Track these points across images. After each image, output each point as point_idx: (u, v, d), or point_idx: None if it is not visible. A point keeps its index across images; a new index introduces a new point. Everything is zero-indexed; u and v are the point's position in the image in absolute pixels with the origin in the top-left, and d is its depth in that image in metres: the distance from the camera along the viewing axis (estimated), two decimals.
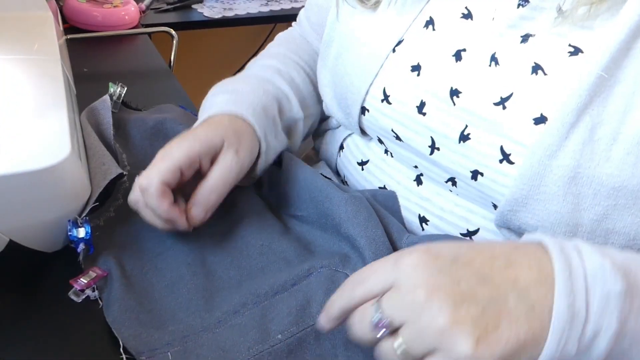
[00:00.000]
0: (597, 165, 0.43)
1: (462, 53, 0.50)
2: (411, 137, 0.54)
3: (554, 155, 0.43)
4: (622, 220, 0.44)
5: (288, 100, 0.62)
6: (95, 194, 0.51)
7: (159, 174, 0.48)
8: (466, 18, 0.51)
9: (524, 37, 0.47)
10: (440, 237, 0.51)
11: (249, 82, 0.61)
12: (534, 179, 0.45)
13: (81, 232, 0.48)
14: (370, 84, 0.55)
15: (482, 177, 0.49)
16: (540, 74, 0.46)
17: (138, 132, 0.61)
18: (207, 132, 0.52)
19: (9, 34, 0.63)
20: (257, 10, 1.31)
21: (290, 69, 0.66)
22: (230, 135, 0.53)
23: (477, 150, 0.49)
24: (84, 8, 0.98)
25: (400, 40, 0.54)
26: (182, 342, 0.43)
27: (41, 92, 0.53)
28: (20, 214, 0.45)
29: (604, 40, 0.42)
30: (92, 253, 0.49)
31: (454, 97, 0.50)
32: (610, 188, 0.43)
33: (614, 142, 0.42)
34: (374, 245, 0.50)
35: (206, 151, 0.51)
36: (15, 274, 0.48)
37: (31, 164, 0.44)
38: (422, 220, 0.57)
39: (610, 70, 0.42)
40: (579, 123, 0.43)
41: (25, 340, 0.43)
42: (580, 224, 0.45)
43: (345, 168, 0.66)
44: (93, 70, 0.86)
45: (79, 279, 0.47)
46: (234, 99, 0.57)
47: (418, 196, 0.57)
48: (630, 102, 0.42)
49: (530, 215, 0.46)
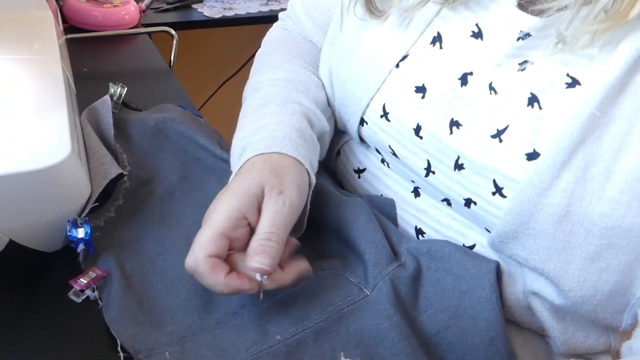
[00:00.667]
0: (589, 203, 0.42)
1: (468, 77, 0.49)
2: (408, 157, 0.53)
3: (545, 193, 0.43)
4: (616, 259, 0.43)
5: (315, 115, 0.57)
6: (95, 194, 0.51)
7: (203, 249, 0.44)
8: (476, 37, 0.49)
9: (522, 64, 0.46)
10: (439, 243, 0.51)
11: (270, 109, 0.54)
12: (523, 215, 0.44)
13: (80, 233, 0.48)
14: (371, 98, 0.54)
15: (475, 205, 0.49)
16: (536, 107, 0.45)
17: (138, 132, 0.61)
18: (242, 184, 0.47)
19: (9, 34, 0.63)
20: (257, 10, 1.31)
21: (303, 78, 0.60)
22: (269, 177, 0.47)
23: (471, 180, 0.48)
24: (84, 8, 0.98)
25: (405, 56, 0.52)
26: (180, 342, 0.43)
27: (41, 92, 0.53)
28: (20, 214, 0.45)
29: (601, 74, 0.42)
30: (92, 253, 0.49)
31: (453, 127, 0.49)
32: (603, 227, 0.42)
33: (608, 181, 0.41)
34: (374, 249, 0.50)
35: (248, 204, 0.46)
36: (15, 274, 0.48)
37: (31, 164, 0.44)
38: (418, 232, 0.56)
39: (604, 107, 0.41)
40: (571, 161, 0.42)
41: (25, 340, 0.43)
42: (572, 261, 0.44)
43: (342, 174, 0.65)
44: (93, 70, 0.86)
45: (78, 279, 0.47)
46: (265, 136, 0.51)
47: (415, 208, 0.56)
48: (625, 140, 0.41)
49: (521, 248, 0.46)
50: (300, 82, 0.59)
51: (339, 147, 0.64)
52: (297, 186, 0.48)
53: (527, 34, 0.46)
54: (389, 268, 0.49)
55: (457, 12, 0.50)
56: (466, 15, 0.50)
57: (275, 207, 0.46)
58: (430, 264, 0.50)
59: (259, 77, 0.61)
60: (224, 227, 0.44)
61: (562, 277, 0.45)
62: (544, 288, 0.47)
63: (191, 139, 0.60)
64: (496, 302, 0.47)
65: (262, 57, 0.66)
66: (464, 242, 0.53)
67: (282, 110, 0.53)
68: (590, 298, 0.45)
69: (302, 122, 0.53)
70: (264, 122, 0.52)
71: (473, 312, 0.47)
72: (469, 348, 0.47)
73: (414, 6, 0.50)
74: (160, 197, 0.56)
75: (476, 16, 0.50)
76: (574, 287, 0.45)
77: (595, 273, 0.44)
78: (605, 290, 0.44)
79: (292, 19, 0.71)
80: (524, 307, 0.50)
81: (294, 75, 0.60)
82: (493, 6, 0.49)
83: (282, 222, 0.45)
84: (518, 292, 0.50)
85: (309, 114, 0.55)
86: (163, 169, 0.58)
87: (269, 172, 0.47)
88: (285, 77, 0.59)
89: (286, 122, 0.52)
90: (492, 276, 0.47)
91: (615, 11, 0.40)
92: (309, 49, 0.67)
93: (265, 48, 0.69)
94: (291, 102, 0.55)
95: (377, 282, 0.49)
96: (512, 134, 0.45)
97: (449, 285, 0.48)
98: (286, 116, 0.53)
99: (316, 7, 0.66)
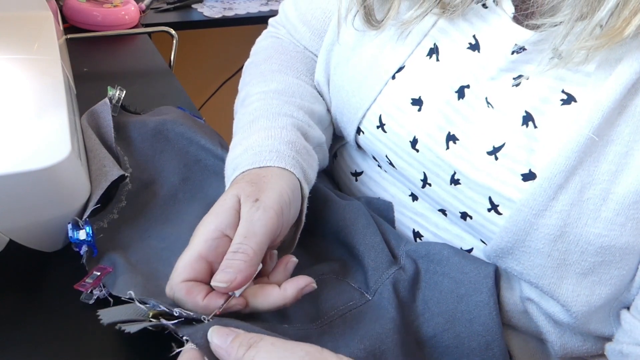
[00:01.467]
0: (585, 224, 0.42)
1: (465, 90, 0.48)
2: (404, 167, 0.53)
3: (541, 214, 0.43)
4: (608, 274, 0.43)
5: (309, 126, 0.55)
6: (96, 195, 0.51)
7: (178, 275, 0.42)
8: (473, 50, 0.49)
9: (517, 78, 0.46)
10: (438, 246, 0.51)
11: (260, 124, 0.52)
12: (519, 234, 0.44)
13: (82, 234, 0.48)
14: (368, 108, 0.53)
15: (470, 219, 0.49)
16: (531, 126, 0.44)
17: (139, 134, 0.60)
18: (219, 202, 0.45)
19: (9, 34, 0.63)
20: (257, 10, 1.31)
21: (296, 89, 0.58)
22: (244, 187, 0.45)
23: (467, 195, 0.48)
24: (84, 8, 0.98)
25: (401, 67, 0.52)
26: None
27: (41, 92, 0.53)
28: (20, 214, 0.45)
29: (598, 95, 0.41)
30: (96, 255, 0.49)
31: (450, 141, 0.48)
32: (598, 247, 0.42)
33: (604, 203, 0.41)
34: (373, 253, 0.50)
35: (226, 221, 0.43)
36: (15, 274, 0.48)
37: (31, 164, 0.44)
38: (416, 235, 0.56)
39: (602, 130, 0.41)
40: (568, 184, 0.42)
41: (25, 340, 0.43)
42: (566, 276, 0.44)
43: (339, 177, 0.64)
44: (93, 70, 0.86)
45: (84, 281, 0.46)
46: (251, 154, 0.49)
47: (413, 211, 0.56)
48: (623, 162, 0.41)
49: (516, 263, 0.46)
50: (293, 94, 0.57)
51: (336, 149, 0.64)
52: (276, 192, 0.45)
53: (522, 47, 0.45)
54: (388, 271, 0.49)
55: (455, 24, 0.50)
56: (463, 27, 0.49)
57: (249, 215, 0.43)
58: (429, 267, 0.50)
59: (250, 89, 0.59)
60: (200, 250, 0.42)
61: (556, 291, 0.45)
62: (540, 298, 0.48)
63: (192, 140, 0.60)
64: (493, 307, 0.47)
65: (252, 69, 0.64)
66: (462, 245, 0.53)
67: (272, 124, 0.52)
68: (584, 313, 0.45)
69: (293, 134, 0.51)
70: (252, 140, 0.51)
71: (470, 316, 0.47)
72: (465, 352, 0.47)
73: (412, 20, 0.49)
74: (162, 198, 0.56)
75: (473, 28, 0.49)
76: (568, 301, 0.45)
77: (587, 287, 0.44)
78: (598, 304, 0.44)
79: (285, 27, 0.68)
80: (521, 312, 0.50)
81: (286, 86, 0.58)
82: (491, 18, 0.48)
83: (256, 230, 0.42)
84: (515, 297, 0.50)
85: (303, 125, 0.54)
86: (164, 171, 0.58)
87: (245, 183, 0.46)
88: (276, 88, 0.57)
89: (276, 136, 0.50)
90: (490, 281, 0.47)
91: (611, 28, 0.39)
92: (302, 57, 0.64)
93: (254, 59, 0.66)
94: (283, 115, 0.53)
95: (378, 287, 0.49)
96: (507, 152, 0.45)
97: (447, 289, 0.48)
98: (276, 130, 0.51)
99: (313, 15, 0.64)
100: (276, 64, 0.62)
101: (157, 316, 0.40)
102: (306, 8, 0.64)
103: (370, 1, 0.51)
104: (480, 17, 0.49)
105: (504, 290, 0.50)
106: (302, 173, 0.49)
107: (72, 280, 0.47)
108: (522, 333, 0.52)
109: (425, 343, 0.47)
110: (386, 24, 0.51)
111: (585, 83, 0.43)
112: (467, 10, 0.49)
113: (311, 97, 0.59)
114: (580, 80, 0.43)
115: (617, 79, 0.40)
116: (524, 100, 0.45)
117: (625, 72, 0.40)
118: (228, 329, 0.36)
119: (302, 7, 0.65)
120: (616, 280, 0.43)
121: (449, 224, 0.53)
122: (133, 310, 0.41)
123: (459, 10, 0.48)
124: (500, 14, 0.47)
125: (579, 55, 0.41)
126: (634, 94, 0.40)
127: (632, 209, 0.41)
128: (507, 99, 0.46)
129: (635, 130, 0.41)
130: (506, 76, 0.47)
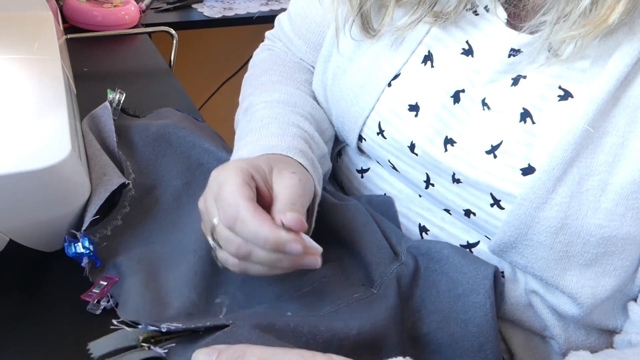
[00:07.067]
0: (585, 216, 0.43)
1: (460, 94, 0.49)
2: (407, 170, 0.54)
3: (541, 207, 0.43)
4: (612, 264, 0.44)
5: (313, 139, 0.55)
6: (95, 207, 0.50)
7: (239, 194, 0.39)
8: (467, 54, 0.50)
9: (515, 79, 0.47)
10: (439, 245, 0.51)
11: (272, 130, 0.52)
12: (521, 228, 0.45)
13: (79, 247, 0.47)
14: (367, 116, 0.54)
15: (474, 216, 0.50)
16: (529, 122, 0.45)
17: (141, 138, 0.60)
18: (245, 159, 0.44)
19: (9, 34, 0.63)
20: (257, 10, 1.31)
21: (298, 100, 0.59)
22: (278, 162, 0.45)
23: (470, 192, 0.49)
24: (84, 8, 0.98)
25: (396, 75, 0.53)
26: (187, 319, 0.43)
27: (41, 92, 0.53)
28: (20, 214, 0.45)
29: (593, 88, 0.42)
30: (100, 265, 0.49)
31: (447, 144, 0.49)
32: (600, 237, 0.43)
33: (603, 193, 0.42)
34: (375, 250, 0.50)
35: (254, 169, 0.43)
36: (15, 274, 0.48)
37: (31, 164, 0.44)
38: (422, 230, 0.56)
39: (597, 122, 0.42)
40: (566, 176, 0.42)
41: (26, 340, 0.43)
42: (569, 268, 0.45)
43: (344, 174, 0.64)
44: (93, 70, 0.86)
45: (90, 291, 0.46)
46: (269, 145, 0.49)
47: (419, 206, 0.56)
48: (619, 153, 0.42)
49: (520, 257, 0.47)
50: (295, 105, 0.57)
51: (340, 147, 0.64)
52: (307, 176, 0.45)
53: (517, 50, 0.47)
54: (392, 266, 0.49)
55: (447, 31, 0.51)
56: (456, 33, 0.51)
57: (291, 181, 0.42)
58: (428, 264, 0.50)
59: (253, 99, 0.59)
60: (244, 176, 0.41)
61: (560, 283, 0.45)
62: (545, 290, 0.48)
63: (194, 143, 0.60)
64: (489, 309, 0.47)
65: (252, 80, 0.64)
66: (468, 239, 0.53)
67: (284, 132, 0.52)
68: (590, 305, 0.45)
69: (303, 145, 0.52)
70: (265, 141, 0.50)
71: (465, 317, 0.47)
72: (458, 352, 0.47)
73: (406, 26, 0.50)
74: (166, 203, 0.56)
75: (466, 34, 0.50)
76: (574, 292, 0.45)
77: (592, 279, 0.44)
78: (604, 296, 0.45)
79: (281, 40, 0.69)
80: (525, 306, 0.50)
81: (288, 97, 0.58)
82: (483, 24, 0.49)
83: (298, 194, 0.42)
84: (520, 290, 0.50)
85: (308, 139, 0.54)
86: (167, 175, 0.58)
87: (277, 160, 0.45)
88: (279, 99, 0.57)
89: (289, 142, 0.50)
90: (488, 282, 0.47)
91: (595, 15, 0.40)
92: (299, 68, 0.65)
93: (253, 71, 0.67)
94: (291, 124, 0.53)
95: (383, 281, 0.49)
96: (506, 149, 0.46)
97: (444, 288, 0.48)
98: (288, 137, 0.51)
99: (308, 29, 0.65)
100: (276, 75, 0.63)
101: (149, 339, 0.40)
102: (301, 22, 0.65)
103: (366, 9, 0.52)
104: (472, 24, 0.50)
105: (509, 283, 0.50)
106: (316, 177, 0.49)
107: (72, 280, 0.47)
108: (525, 330, 0.52)
109: (419, 340, 0.47)
110: (382, 32, 0.52)
111: (581, 79, 0.44)
112: (459, 18, 0.50)
113: (312, 108, 0.60)
114: (576, 77, 0.44)
115: (610, 72, 0.41)
116: (522, 99, 0.46)
117: (618, 65, 0.41)
118: (210, 348, 0.35)
119: (297, 21, 0.66)
120: (620, 272, 0.44)
121: (455, 218, 0.54)
122: (123, 337, 0.41)
123: (451, 18, 0.49)
124: (492, 20, 0.49)
125: (570, 47, 0.43)
126: (627, 86, 0.42)
127: (631, 198, 0.42)
128: (505, 99, 0.47)
129: (630, 122, 0.42)
130: (504, 77, 0.48)
